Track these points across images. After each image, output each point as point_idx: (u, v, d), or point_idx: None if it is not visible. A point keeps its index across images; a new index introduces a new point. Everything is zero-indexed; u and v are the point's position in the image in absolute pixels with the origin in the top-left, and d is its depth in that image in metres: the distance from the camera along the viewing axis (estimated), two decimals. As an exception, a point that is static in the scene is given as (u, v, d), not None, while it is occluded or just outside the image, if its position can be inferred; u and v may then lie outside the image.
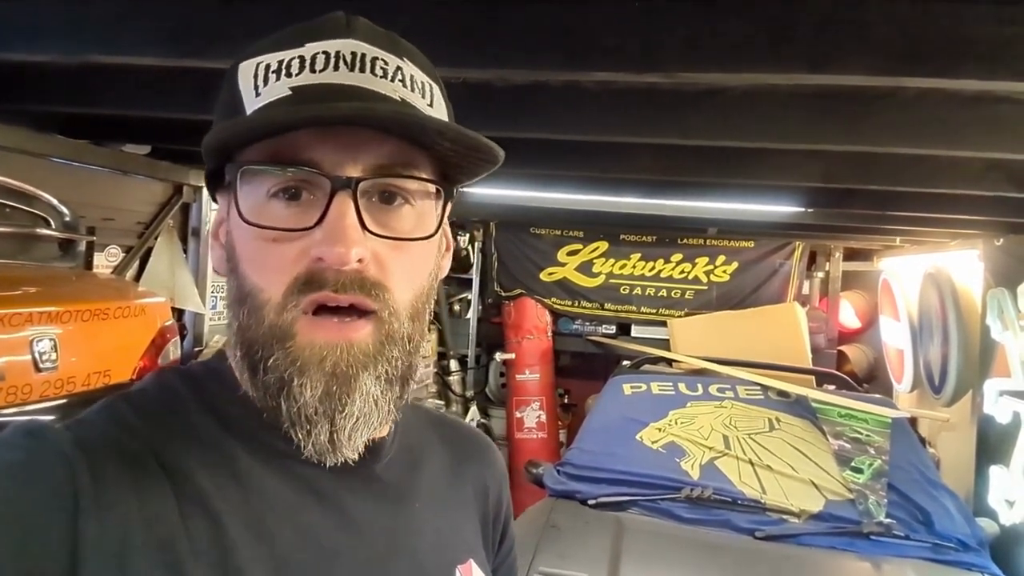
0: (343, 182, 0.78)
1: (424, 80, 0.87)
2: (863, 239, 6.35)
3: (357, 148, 0.79)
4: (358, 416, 0.80)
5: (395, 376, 0.83)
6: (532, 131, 2.65)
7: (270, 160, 0.79)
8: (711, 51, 1.70)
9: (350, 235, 0.77)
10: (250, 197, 0.80)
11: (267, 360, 0.79)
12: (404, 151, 0.81)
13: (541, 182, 4.35)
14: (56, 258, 3.72)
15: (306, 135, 0.78)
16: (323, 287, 0.78)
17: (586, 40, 1.76)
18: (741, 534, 3.47)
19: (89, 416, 0.81)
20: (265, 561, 0.77)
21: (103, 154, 4.00)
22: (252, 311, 0.81)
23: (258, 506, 0.80)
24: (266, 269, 0.81)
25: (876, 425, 4.09)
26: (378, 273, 0.80)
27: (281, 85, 0.80)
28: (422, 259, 0.87)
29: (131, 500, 0.72)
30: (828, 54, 1.64)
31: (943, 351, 5.04)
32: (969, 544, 3.41)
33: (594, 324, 6.93)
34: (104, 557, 0.68)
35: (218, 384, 0.88)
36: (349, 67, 0.81)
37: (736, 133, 2.48)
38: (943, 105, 2.26)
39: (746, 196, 4.17)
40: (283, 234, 0.79)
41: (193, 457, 0.79)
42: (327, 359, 0.79)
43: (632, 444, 4.13)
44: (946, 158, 2.84)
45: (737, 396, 4.55)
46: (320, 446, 0.80)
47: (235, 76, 0.84)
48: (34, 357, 2.85)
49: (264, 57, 0.82)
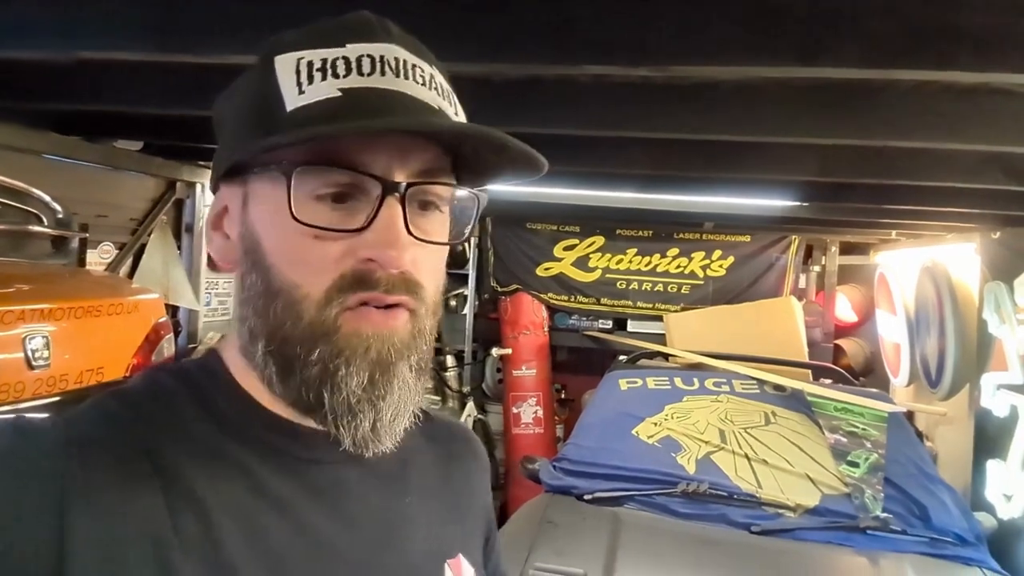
0: (394, 186, 0.79)
1: (448, 88, 0.89)
2: (859, 233, 6.36)
3: (406, 154, 0.81)
4: (398, 404, 0.82)
5: (424, 368, 0.86)
6: (528, 126, 2.63)
7: (321, 160, 0.78)
8: (701, 44, 1.69)
9: (402, 239, 0.79)
10: (296, 196, 0.79)
11: (308, 355, 0.80)
12: (441, 157, 0.84)
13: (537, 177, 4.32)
14: (49, 255, 3.72)
15: (358, 139, 0.79)
16: (374, 288, 0.80)
17: (576, 34, 1.75)
18: (737, 529, 3.46)
19: (79, 412, 0.81)
20: (258, 556, 0.77)
21: (96, 150, 3.99)
22: (287, 307, 0.81)
23: (251, 502, 0.80)
24: (307, 266, 0.80)
25: (872, 419, 4.08)
26: (417, 275, 0.83)
27: (328, 86, 0.80)
28: (443, 260, 0.91)
29: (120, 495, 0.72)
30: (819, 46, 1.63)
31: (940, 345, 5.02)
32: (966, 538, 3.40)
33: (590, 319, 6.92)
34: (93, 551, 0.69)
35: (211, 380, 0.88)
36: (394, 73, 0.81)
37: (730, 127, 2.48)
38: (938, 98, 2.25)
39: (741, 190, 4.15)
40: (326, 233, 0.79)
41: (184, 453, 0.79)
42: (372, 347, 0.80)
43: (628, 439, 4.12)
44: (942, 151, 2.83)
45: (733, 390, 4.54)
46: (363, 436, 0.81)
47: (271, 67, 0.83)
48: (27, 355, 2.84)
49: (304, 53, 0.82)
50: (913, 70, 1.68)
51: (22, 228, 3.54)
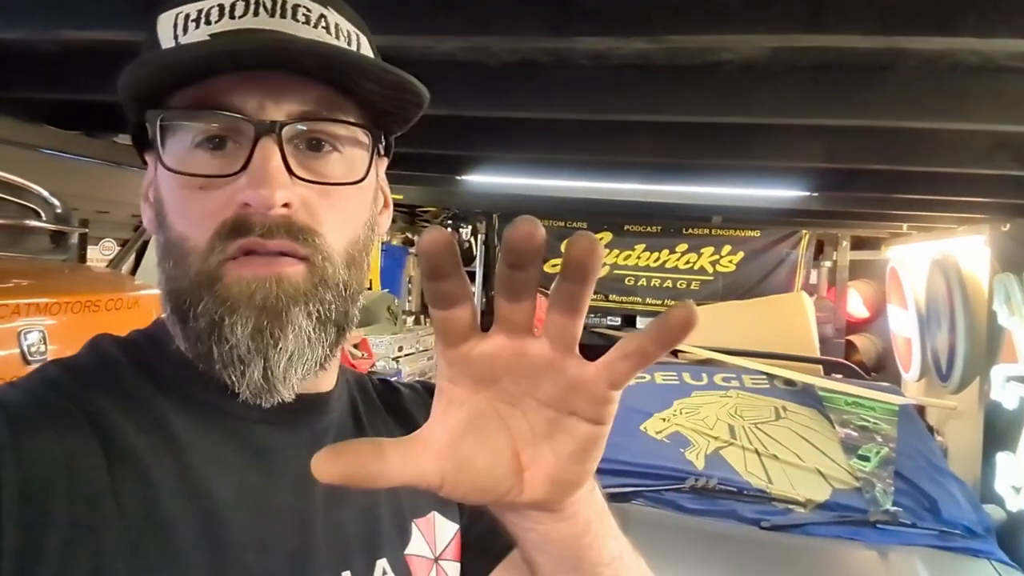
0: (267, 127, 0.77)
1: (350, 29, 0.86)
2: (870, 226, 6.30)
3: (280, 92, 0.79)
4: (292, 352, 0.79)
5: (328, 318, 0.82)
6: (525, 111, 2.60)
7: (191, 107, 0.78)
8: (701, 12, 1.64)
9: (275, 178, 0.76)
10: (174, 148, 0.80)
11: (196, 307, 0.78)
12: (329, 97, 0.81)
13: (541, 168, 4.30)
14: (48, 251, 3.69)
15: (228, 81, 0.77)
16: (250, 232, 0.77)
17: (567, 3, 1.70)
18: (747, 524, 3.42)
19: (18, 380, 0.81)
20: (196, 517, 0.76)
21: (95, 145, 3.95)
22: (178, 260, 0.80)
23: (191, 463, 0.79)
24: (191, 217, 0.80)
25: (883, 413, 4.05)
26: (307, 219, 0.79)
27: (200, 32, 0.79)
28: (355, 206, 0.86)
29: (56, 453, 0.72)
30: (823, 13, 1.58)
31: (950, 338, 5.00)
32: (976, 531, 3.38)
33: (598, 316, 6.91)
34: (27, 506, 0.68)
35: (152, 345, 0.87)
36: (269, 13, 0.80)
37: (735, 109, 2.43)
38: (945, 76, 2.20)
39: (749, 179, 4.11)
40: (208, 181, 0.78)
41: (123, 415, 0.78)
42: (256, 293, 0.77)
43: (636, 434, 4.08)
44: (951, 134, 2.79)
45: (743, 385, 4.50)
46: (255, 386, 0.79)
47: (154, 28, 0.83)
48: (22, 349, 2.80)
49: (184, 7, 0.82)
50: (915, 37, 1.63)
51: (19, 223, 3.51)
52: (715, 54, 2.18)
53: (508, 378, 0.61)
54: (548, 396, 0.61)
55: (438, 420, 0.63)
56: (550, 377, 0.60)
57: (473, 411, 0.62)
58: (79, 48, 2.44)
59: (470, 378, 0.62)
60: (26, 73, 2.70)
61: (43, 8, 1.94)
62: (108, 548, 0.70)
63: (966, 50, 2.03)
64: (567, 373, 0.60)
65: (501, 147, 3.51)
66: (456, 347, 0.60)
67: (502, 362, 0.60)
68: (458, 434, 0.62)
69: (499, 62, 2.36)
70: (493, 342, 0.59)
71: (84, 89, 2.73)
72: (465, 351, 0.60)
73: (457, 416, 0.62)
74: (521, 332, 0.59)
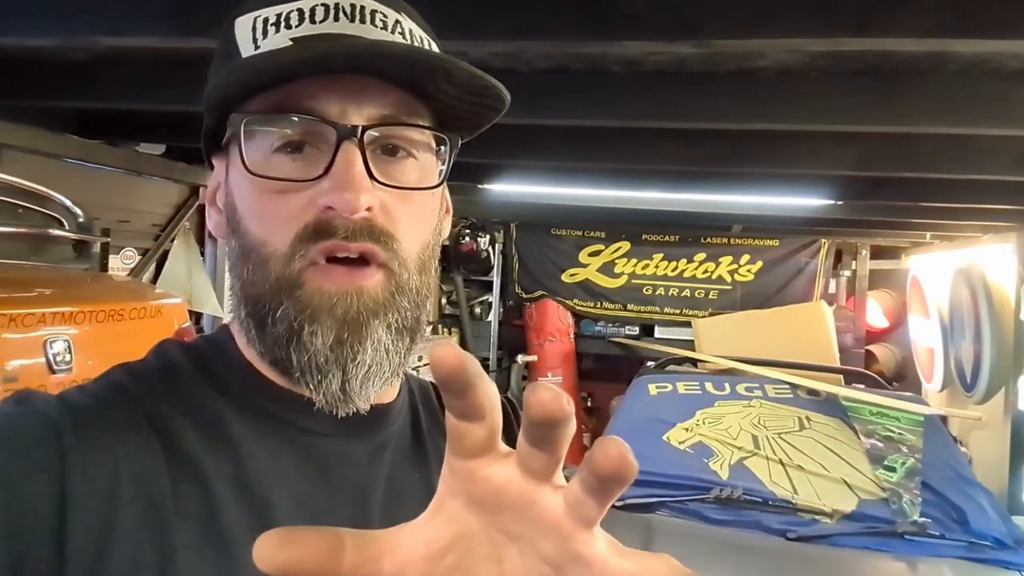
0: (349, 131, 0.76)
1: (422, 35, 0.86)
2: (891, 235, 6.27)
3: (361, 96, 0.78)
4: (370, 365, 0.79)
5: (405, 327, 0.82)
6: (554, 117, 2.59)
7: (272, 111, 0.77)
8: (749, 15, 1.62)
9: (359, 182, 0.75)
10: (253, 152, 0.78)
11: (275, 312, 0.78)
12: (407, 101, 0.81)
13: (562, 176, 4.30)
14: (70, 260, 3.69)
15: (310, 84, 0.76)
16: (333, 236, 0.76)
17: (612, 7, 1.68)
18: (772, 535, 3.38)
19: (87, 384, 0.80)
20: (253, 526, 0.74)
21: (117, 155, 3.97)
22: (257, 265, 0.79)
23: (251, 471, 0.78)
24: (271, 221, 0.79)
25: (908, 423, 4.01)
26: (387, 223, 0.79)
27: (281, 36, 0.79)
28: (428, 211, 0.86)
29: (119, 459, 0.71)
30: (876, 16, 1.55)
31: (975, 348, 4.96)
32: (1005, 542, 3.32)
33: (617, 325, 6.89)
34: (92, 514, 0.68)
35: (217, 352, 0.87)
36: (349, 18, 0.79)
37: (769, 115, 2.41)
38: (985, 81, 2.19)
39: (774, 187, 4.08)
40: (289, 185, 0.78)
41: (186, 421, 0.78)
42: (337, 306, 0.77)
43: (659, 445, 4.04)
44: (985, 140, 2.77)
45: (766, 395, 4.47)
46: (332, 396, 0.78)
47: (231, 31, 0.82)
48: (48, 359, 2.79)
49: (261, 11, 0.81)
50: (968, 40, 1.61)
51: (43, 232, 3.51)
52: (751, 60, 2.16)
53: (511, 516, 0.52)
54: (547, 555, 0.52)
55: (420, 526, 0.55)
56: (555, 542, 0.51)
57: (463, 530, 0.54)
58: (108, 56, 2.44)
59: (467, 497, 0.53)
60: (55, 82, 2.70)
61: (76, 15, 1.94)
62: (173, 549, 0.70)
63: (1007, 54, 2.00)
64: (574, 548, 0.51)
65: (525, 155, 3.50)
66: (464, 460, 0.52)
67: (508, 499, 0.51)
68: (437, 550, 0.54)
69: (531, 68, 2.35)
70: (505, 472, 0.51)
71: (111, 98, 2.74)
72: (473, 468, 0.52)
73: (444, 529, 0.54)
74: (538, 479, 0.51)
